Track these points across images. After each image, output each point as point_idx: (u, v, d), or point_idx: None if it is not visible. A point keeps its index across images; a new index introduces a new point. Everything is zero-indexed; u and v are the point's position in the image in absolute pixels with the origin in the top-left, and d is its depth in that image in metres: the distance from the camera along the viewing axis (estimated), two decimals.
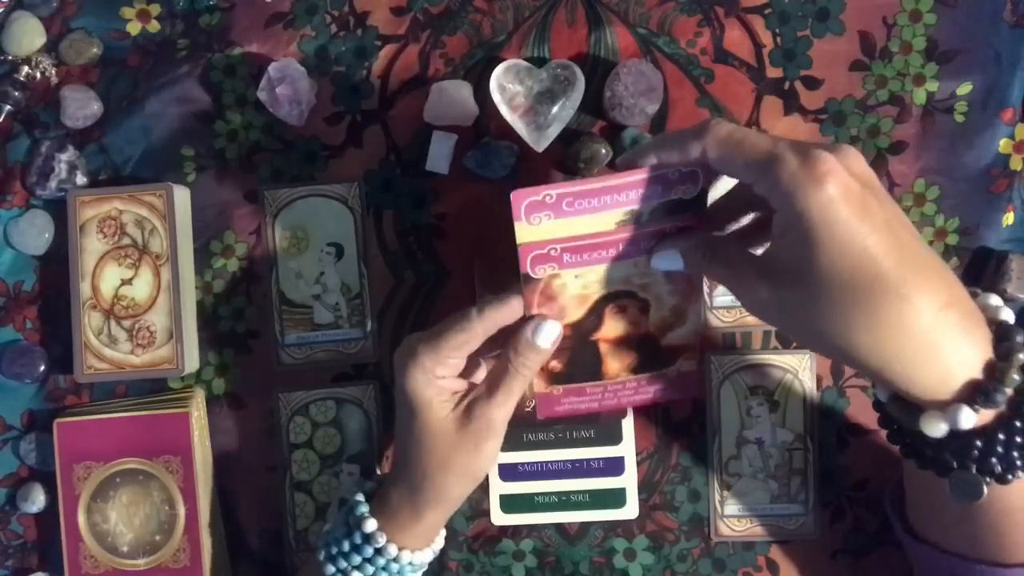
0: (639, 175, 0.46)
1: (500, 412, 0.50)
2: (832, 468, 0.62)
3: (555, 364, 0.53)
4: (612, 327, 0.52)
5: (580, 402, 0.54)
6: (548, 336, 0.50)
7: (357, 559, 0.52)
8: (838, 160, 0.41)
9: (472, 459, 0.51)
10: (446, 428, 0.50)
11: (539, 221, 0.47)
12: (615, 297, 0.51)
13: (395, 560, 0.52)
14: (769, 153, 0.42)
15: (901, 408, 0.45)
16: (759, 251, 0.47)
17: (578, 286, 0.50)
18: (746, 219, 0.50)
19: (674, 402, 0.54)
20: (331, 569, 0.52)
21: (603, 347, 0.53)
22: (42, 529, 0.63)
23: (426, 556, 0.53)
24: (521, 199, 0.47)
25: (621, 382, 0.54)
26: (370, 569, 0.52)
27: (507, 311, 0.50)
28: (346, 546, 0.52)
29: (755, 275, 0.44)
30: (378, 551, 0.52)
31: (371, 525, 0.52)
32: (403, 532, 0.52)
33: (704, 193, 0.48)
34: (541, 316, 0.50)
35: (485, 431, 0.50)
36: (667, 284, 0.51)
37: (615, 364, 0.53)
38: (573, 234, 0.48)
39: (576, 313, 0.51)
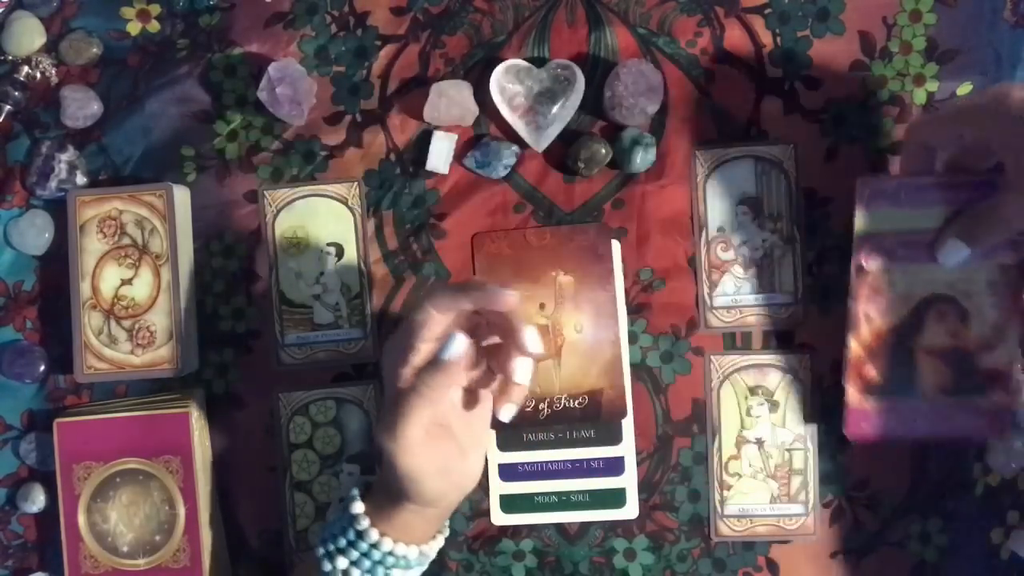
0: (978, 176, 0.48)
1: (387, 441, 0.48)
2: (832, 468, 0.61)
3: (870, 371, 0.53)
4: (930, 334, 0.52)
5: (890, 427, 0.54)
6: (451, 349, 0.48)
7: (343, 542, 0.52)
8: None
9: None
10: None
11: (880, 210, 0.49)
12: (936, 301, 0.51)
13: (375, 546, 0.52)
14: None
15: None
16: None
17: (904, 284, 0.51)
18: None
19: (982, 441, 0.54)
20: (321, 551, 0.53)
21: (920, 357, 0.52)
22: (42, 529, 0.63)
23: (411, 552, 0.53)
24: (867, 186, 0.49)
25: (935, 407, 0.52)
26: (354, 554, 0.52)
27: (454, 299, 0.48)
28: (336, 531, 0.52)
29: None
30: (359, 534, 0.52)
31: (358, 507, 0.52)
32: (390, 524, 0.52)
33: None
34: (452, 329, 0.49)
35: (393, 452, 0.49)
36: (990, 296, 0.50)
37: (929, 380, 0.53)
38: (908, 228, 0.50)
39: (899, 313, 0.52)
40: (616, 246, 0.62)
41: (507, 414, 0.50)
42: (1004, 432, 0.52)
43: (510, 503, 0.63)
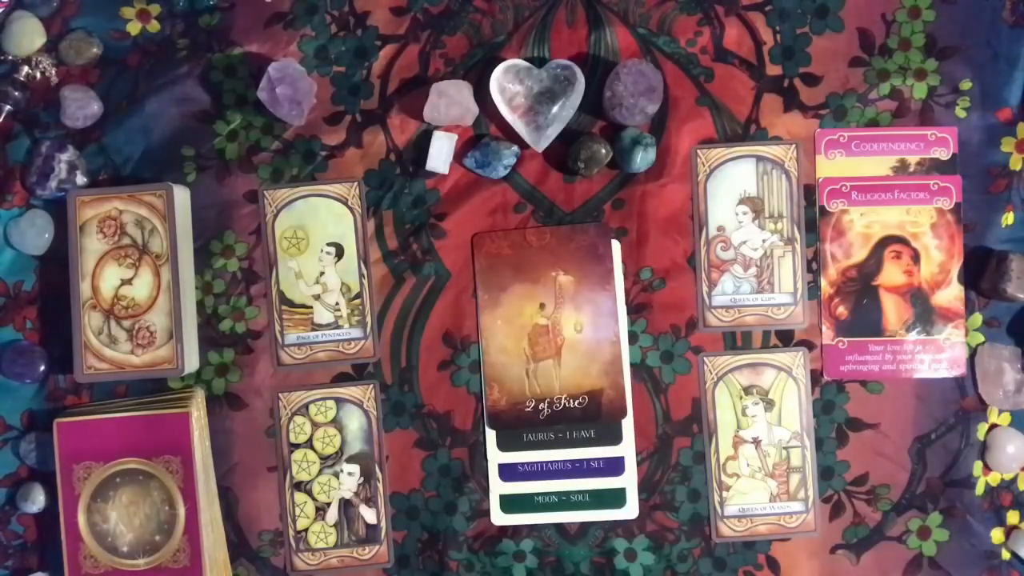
0: (909, 130, 0.58)
1: None
2: (831, 464, 0.62)
3: (841, 311, 0.59)
4: (890, 273, 0.60)
5: (863, 363, 0.59)
6: None
7: None
8: None
9: None
10: None
11: (834, 157, 0.59)
12: (892, 241, 0.60)
13: None
14: None
15: None
16: None
17: (862, 224, 0.60)
18: None
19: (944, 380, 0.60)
20: None
21: (883, 295, 0.59)
22: (42, 529, 0.63)
23: None
24: (822, 136, 0.59)
25: (899, 343, 0.59)
26: None
27: None
28: None
29: None
30: None
31: None
32: None
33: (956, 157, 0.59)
34: None
35: None
36: (934, 238, 0.59)
37: (893, 318, 0.60)
38: (858, 174, 0.59)
39: (860, 253, 0.60)
40: (616, 246, 0.62)
41: None
42: (960, 368, 0.59)
43: (510, 503, 0.62)
